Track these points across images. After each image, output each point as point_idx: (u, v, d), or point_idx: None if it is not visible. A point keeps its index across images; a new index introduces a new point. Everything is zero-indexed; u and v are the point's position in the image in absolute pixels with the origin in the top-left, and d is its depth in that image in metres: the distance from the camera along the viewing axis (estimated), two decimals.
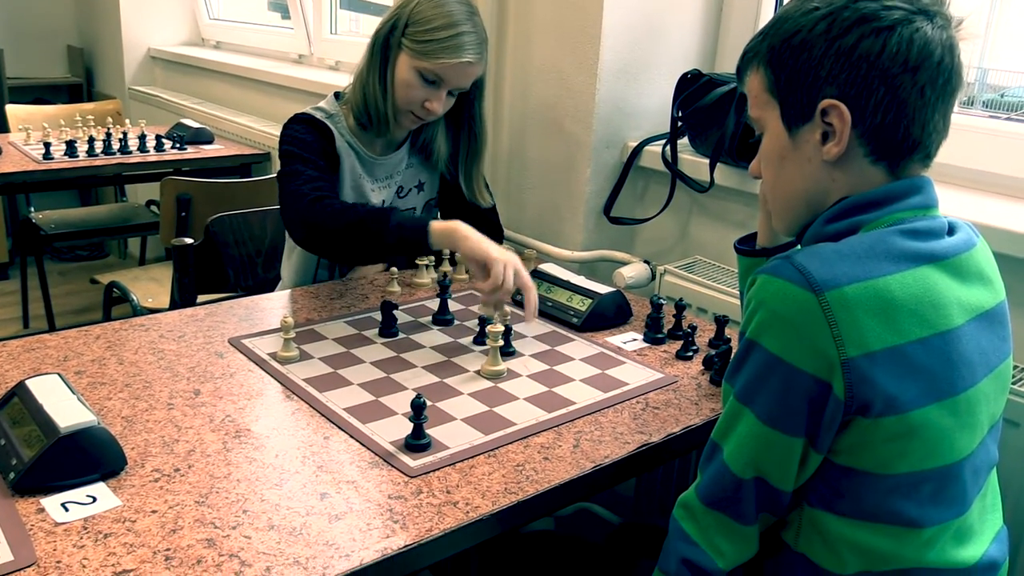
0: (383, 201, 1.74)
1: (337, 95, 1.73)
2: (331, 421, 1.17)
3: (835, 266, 0.89)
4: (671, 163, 1.94)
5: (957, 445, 0.92)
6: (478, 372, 1.34)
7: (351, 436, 1.13)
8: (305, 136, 1.61)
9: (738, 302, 1.67)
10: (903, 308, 0.88)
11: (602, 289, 1.57)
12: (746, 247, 1.20)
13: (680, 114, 1.88)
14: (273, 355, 1.35)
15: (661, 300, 1.50)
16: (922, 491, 0.91)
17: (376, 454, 1.09)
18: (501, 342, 1.37)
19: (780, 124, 0.98)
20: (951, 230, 0.98)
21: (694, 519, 0.95)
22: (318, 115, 1.66)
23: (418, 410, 1.10)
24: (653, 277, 1.96)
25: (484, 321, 1.44)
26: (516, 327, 1.52)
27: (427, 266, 1.72)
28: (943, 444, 0.91)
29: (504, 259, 1.37)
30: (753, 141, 1.05)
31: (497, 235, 1.89)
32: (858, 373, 0.86)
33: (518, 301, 1.45)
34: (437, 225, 1.43)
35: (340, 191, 1.67)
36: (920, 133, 0.94)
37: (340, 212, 1.48)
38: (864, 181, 0.96)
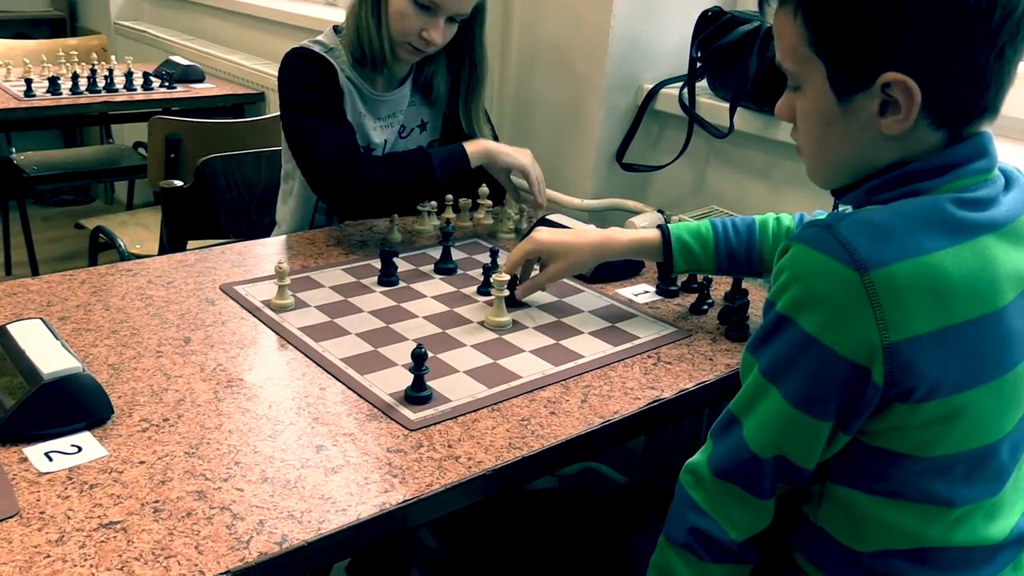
0: (385, 141, 1.72)
1: (336, 29, 1.69)
2: (327, 371, 1.17)
3: (883, 240, 0.84)
4: (688, 107, 1.91)
5: (999, 424, 0.90)
6: (482, 323, 1.34)
7: (348, 387, 1.13)
8: (311, 77, 1.58)
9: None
10: (958, 287, 0.84)
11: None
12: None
13: (699, 54, 1.84)
14: (267, 303, 1.35)
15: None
16: (956, 471, 0.90)
17: (375, 406, 1.09)
18: (506, 292, 1.36)
19: (826, 86, 0.90)
20: (1006, 183, 0.93)
21: (703, 488, 0.94)
22: (318, 48, 1.63)
23: (419, 361, 1.10)
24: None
25: (488, 270, 1.42)
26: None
27: (429, 212, 1.70)
28: (984, 425, 0.89)
29: (534, 164, 1.63)
30: (782, 88, 1.00)
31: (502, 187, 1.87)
32: (900, 359, 0.83)
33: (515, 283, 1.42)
34: (471, 147, 1.57)
35: None
36: (995, 97, 0.87)
37: (380, 170, 1.52)
38: (921, 146, 0.89)
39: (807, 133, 0.96)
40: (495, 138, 1.85)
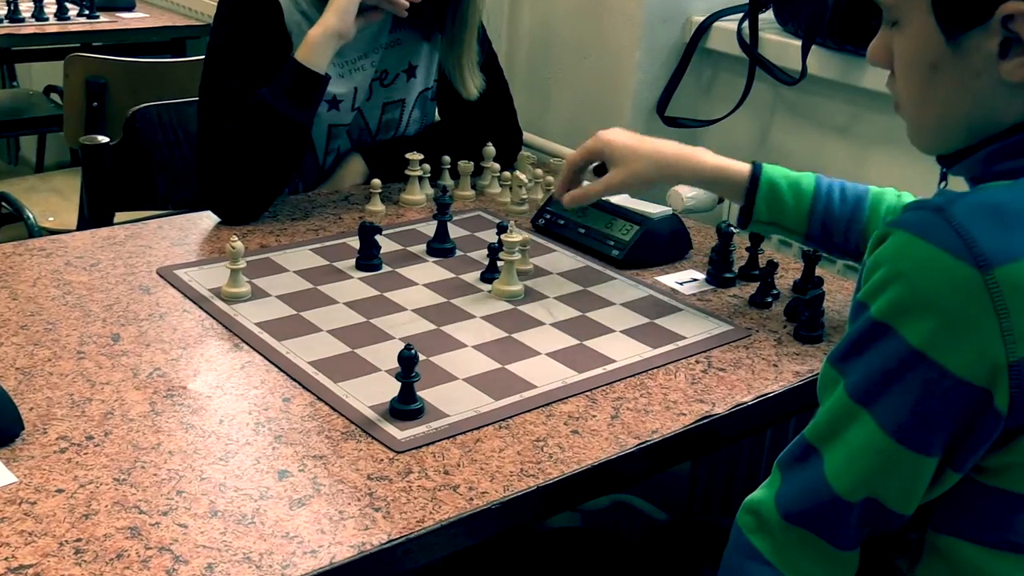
0: (355, 91, 1.72)
1: None
2: (292, 378, 1.17)
3: (1011, 227, 0.83)
4: (749, 45, 1.91)
5: None
6: (489, 292, 1.37)
7: (319, 398, 1.14)
8: (241, 15, 1.59)
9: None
10: None
11: (652, 212, 1.56)
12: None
13: None
14: (217, 291, 1.35)
15: (731, 228, 1.49)
16: None
17: (352, 422, 1.10)
18: (518, 256, 1.38)
19: (931, 21, 0.90)
20: None
21: (768, 533, 0.94)
22: None
23: (407, 365, 1.10)
24: (721, 198, 1.94)
25: (495, 250, 1.43)
26: (538, 259, 1.51)
27: (420, 179, 1.71)
28: None
29: None
30: (874, 23, 1.00)
31: (512, 141, 1.87)
32: None
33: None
34: (312, 37, 1.56)
35: None
36: None
37: (233, 135, 1.56)
38: None
39: (908, 81, 0.96)
40: (503, 103, 1.84)
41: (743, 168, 1.36)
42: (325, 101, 1.67)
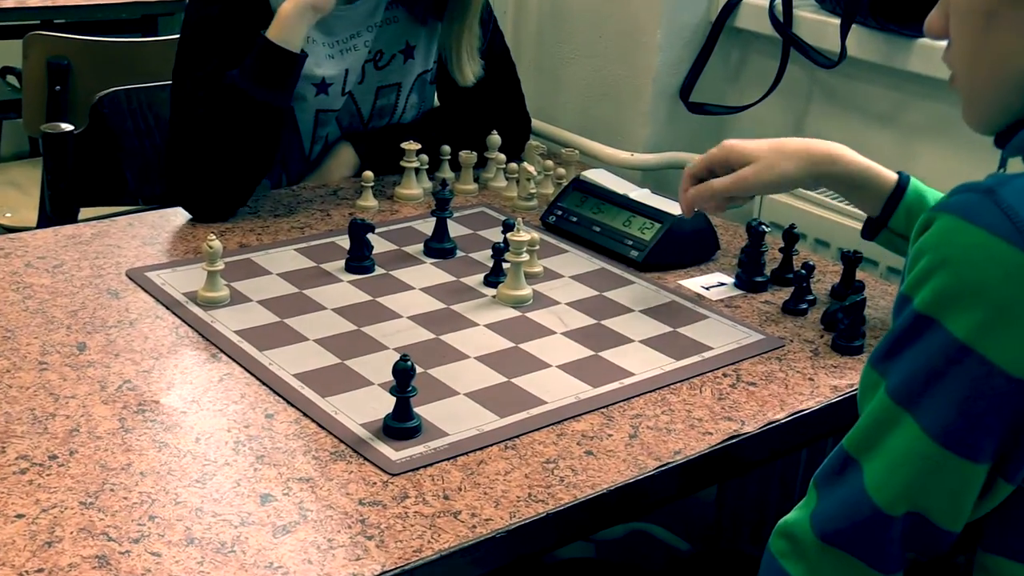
0: (346, 73, 1.72)
1: None
2: (276, 392, 1.18)
3: None
4: (783, 24, 1.91)
5: None
6: (493, 298, 1.38)
7: (305, 414, 1.15)
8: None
9: None
10: None
11: (675, 209, 1.57)
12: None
13: None
14: (192, 296, 1.36)
15: (763, 227, 1.50)
16: None
17: (342, 441, 1.11)
18: (526, 257, 1.38)
19: None
20: None
21: (803, 557, 0.95)
22: None
23: (403, 378, 1.11)
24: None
25: (500, 251, 1.44)
26: (548, 261, 1.52)
27: (417, 171, 1.72)
28: None
29: None
30: None
31: (519, 129, 1.88)
32: None
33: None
34: (283, 11, 1.56)
35: None
36: None
37: (203, 121, 1.57)
38: None
39: (962, 35, 0.97)
40: (510, 87, 1.85)
41: (889, 174, 1.36)
42: (312, 84, 1.68)
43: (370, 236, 1.47)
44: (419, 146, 1.69)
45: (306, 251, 1.51)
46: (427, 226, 1.59)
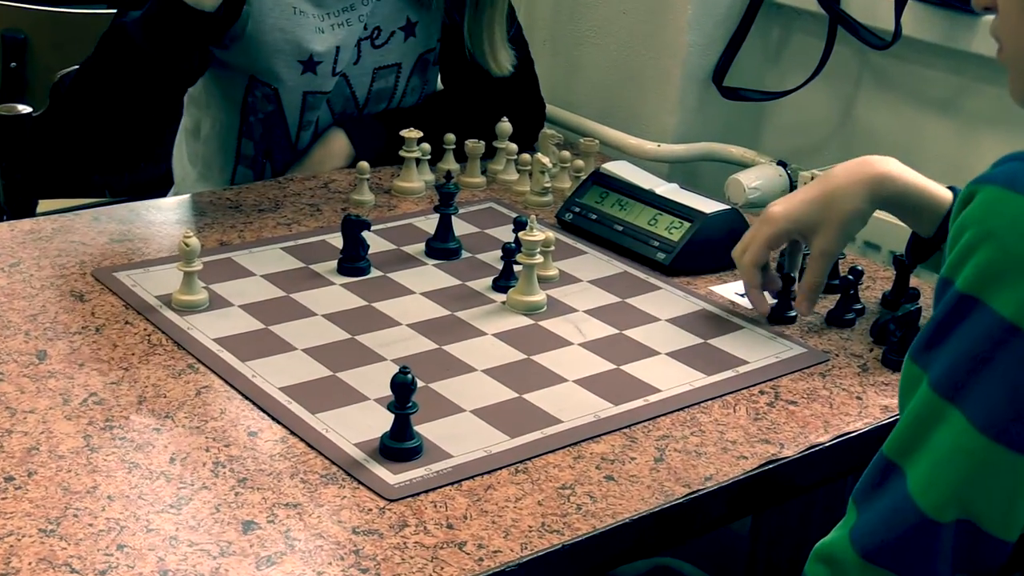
0: (337, 51, 1.73)
1: None
2: (260, 407, 1.19)
3: None
4: None
5: None
6: (503, 304, 1.39)
7: (293, 432, 1.15)
8: None
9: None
10: None
11: (707, 207, 1.58)
12: None
13: None
14: (167, 299, 1.37)
15: None
16: None
17: (333, 462, 1.11)
18: (539, 258, 1.39)
19: None
20: None
21: None
22: None
23: (403, 393, 1.12)
24: (792, 189, 1.95)
25: (511, 251, 1.45)
26: (565, 263, 1.53)
27: (418, 161, 1.73)
28: None
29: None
30: None
31: (532, 115, 1.89)
32: None
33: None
34: None
35: (252, 45, 1.67)
36: None
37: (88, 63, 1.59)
38: None
39: (1008, 6, 0.98)
40: (528, 71, 1.86)
41: (942, 191, 1.36)
42: (298, 62, 1.69)
43: (365, 234, 1.48)
44: (420, 134, 1.69)
45: (294, 250, 1.52)
46: (429, 223, 1.59)
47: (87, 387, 1.20)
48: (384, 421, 1.14)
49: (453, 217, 1.55)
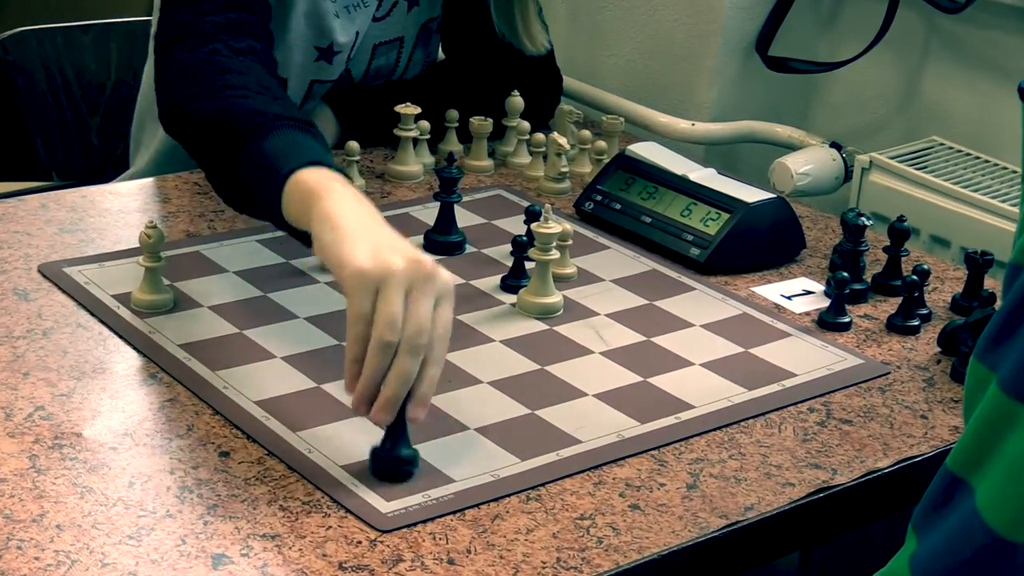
0: (357, 35, 1.74)
1: None
2: (232, 424, 1.19)
3: None
4: None
5: None
6: (513, 306, 1.40)
7: (270, 453, 1.16)
8: None
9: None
10: None
11: (748, 195, 1.58)
12: None
13: None
14: (125, 298, 1.38)
15: (863, 219, 1.50)
16: None
17: (317, 487, 1.11)
18: (555, 254, 1.40)
19: None
20: None
21: None
22: None
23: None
24: (847, 175, 1.96)
25: (522, 245, 1.45)
26: (584, 260, 1.54)
27: (416, 142, 1.73)
28: None
29: (380, 271, 1.14)
30: None
31: (547, 89, 1.89)
32: None
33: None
34: (306, 177, 1.29)
35: (285, 24, 1.68)
36: None
37: (216, 85, 1.45)
38: None
39: None
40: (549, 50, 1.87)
41: None
42: (316, 48, 1.71)
43: None
44: (419, 110, 1.69)
45: (272, 243, 1.52)
46: (429, 213, 1.60)
47: (33, 400, 1.21)
48: (375, 439, 1.14)
49: (456, 206, 1.56)
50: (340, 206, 1.24)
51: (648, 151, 1.67)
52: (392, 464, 1.13)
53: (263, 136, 1.34)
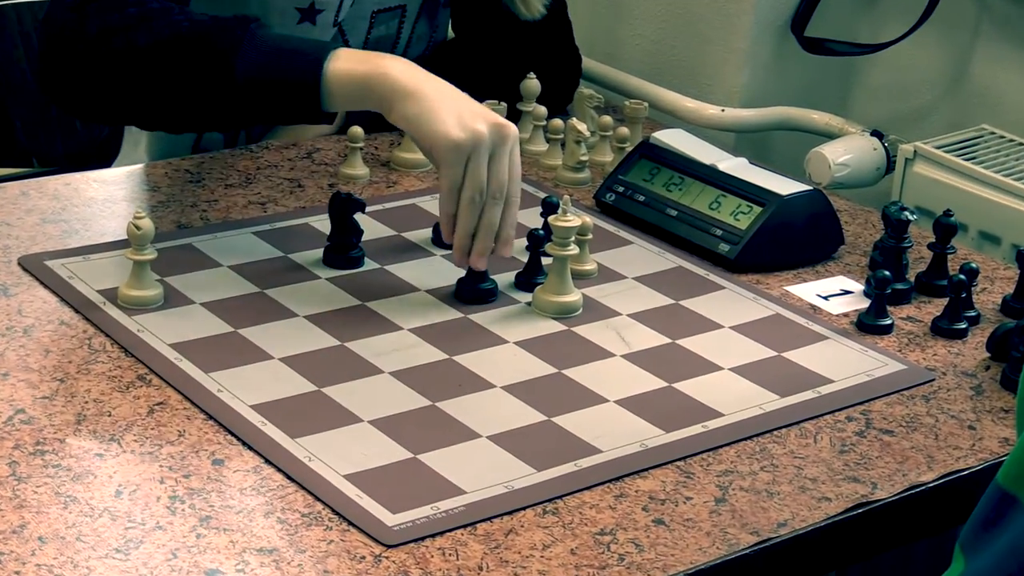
0: (339, 5, 1.74)
1: None
2: (227, 429, 1.19)
3: None
4: None
5: None
6: (529, 305, 1.41)
7: (267, 461, 1.16)
8: None
9: None
10: None
11: (782, 187, 1.58)
12: None
13: None
14: (111, 294, 1.38)
15: (906, 213, 1.50)
16: None
17: (318, 498, 1.11)
18: (574, 249, 1.40)
19: None
20: None
21: None
22: None
23: None
24: (890, 166, 1.96)
25: (539, 239, 1.45)
26: (605, 255, 1.54)
27: None
28: None
29: (471, 141, 1.41)
30: None
31: (565, 71, 1.89)
32: None
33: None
34: (347, 59, 1.48)
35: None
36: None
37: (144, 16, 1.51)
38: None
39: None
40: (554, 12, 1.86)
41: None
42: (296, 9, 1.70)
43: (358, 216, 1.49)
44: None
45: (269, 235, 1.53)
46: (437, 205, 1.59)
47: (12, 403, 1.21)
48: (380, 449, 1.15)
49: None
50: (408, 78, 1.46)
51: (674, 139, 1.67)
52: (478, 292, 1.39)
53: (250, 43, 1.48)
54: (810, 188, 1.60)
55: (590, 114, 1.80)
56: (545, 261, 1.45)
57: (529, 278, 1.47)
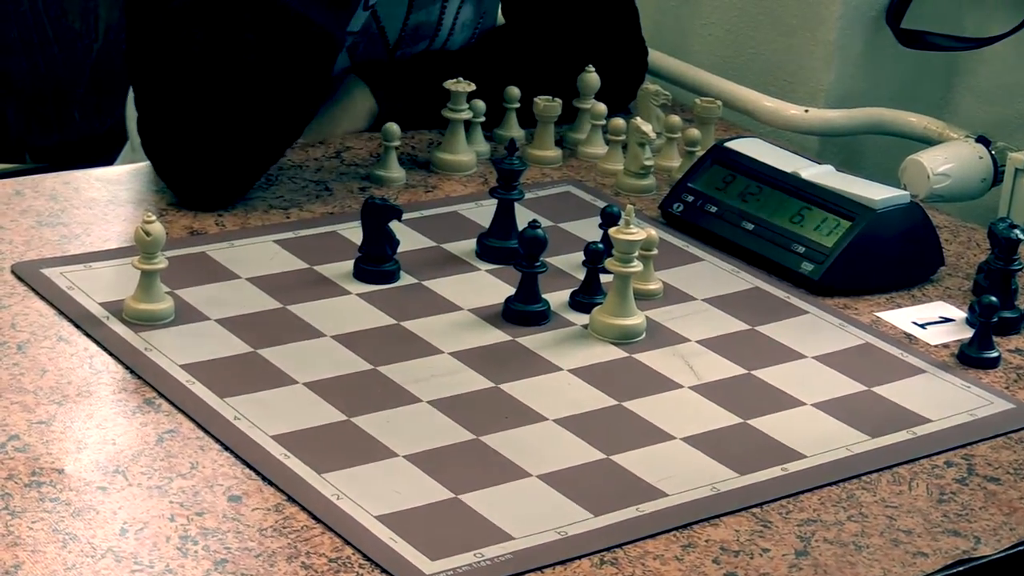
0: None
1: None
2: (245, 462, 1.20)
3: None
4: None
5: None
6: (585, 328, 1.41)
7: (290, 499, 1.16)
8: None
9: None
10: None
11: (875, 198, 1.58)
12: None
13: None
14: (117, 307, 1.39)
15: (1016, 232, 1.50)
16: None
17: (347, 542, 1.11)
18: (637, 266, 1.40)
19: None
20: None
21: None
22: None
23: (534, 248, 1.23)
24: (997, 177, 1.95)
25: (598, 254, 1.45)
26: (672, 274, 1.54)
27: (468, 125, 1.74)
28: None
29: None
30: None
31: (629, 65, 1.90)
32: None
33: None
34: None
35: None
36: None
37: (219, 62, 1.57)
38: None
39: None
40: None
41: None
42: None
43: (393, 225, 1.49)
44: (472, 86, 1.70)
45: (293, 245, 1.54)
46: (483, 213, 1.61)
47: (5, 427, 1.22)
48: (416, 488, 1.16)
49: (516, 204, 1.56)
50: None
51: (749, 146, 1.68)
52: (529, 313, 1.41)
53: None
54: (906, 200, 1.60)
55: (656, 113, 1.80)
56: (604, 279, 1.46)
57: (586, 298, 1.47)
